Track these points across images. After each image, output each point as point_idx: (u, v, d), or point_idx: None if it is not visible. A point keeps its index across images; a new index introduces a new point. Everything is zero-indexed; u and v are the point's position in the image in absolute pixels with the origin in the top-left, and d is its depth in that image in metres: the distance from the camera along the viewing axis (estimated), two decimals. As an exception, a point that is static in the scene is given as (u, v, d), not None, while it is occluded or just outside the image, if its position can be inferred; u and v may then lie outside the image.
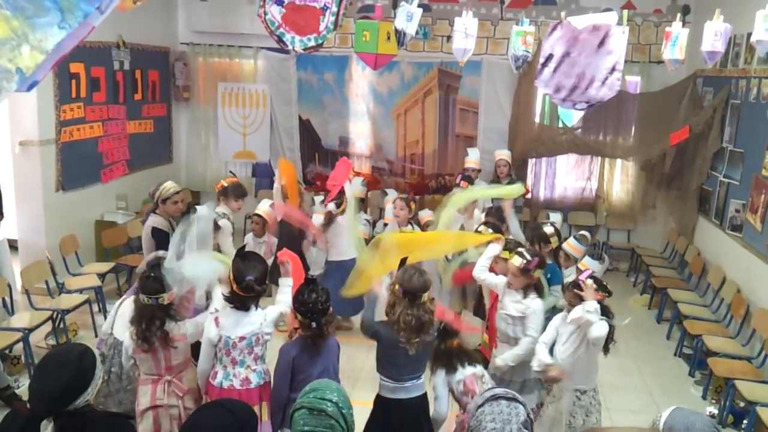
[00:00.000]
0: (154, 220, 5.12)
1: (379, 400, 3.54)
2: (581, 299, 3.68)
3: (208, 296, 3.83)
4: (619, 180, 8.54)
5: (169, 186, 5.21)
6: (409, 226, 5.67)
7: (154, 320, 3.39)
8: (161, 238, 5.04)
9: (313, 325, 3.27)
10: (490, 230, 4.53)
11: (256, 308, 3.46)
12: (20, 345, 5.01)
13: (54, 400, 2.13)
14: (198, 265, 3.48)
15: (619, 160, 8.41)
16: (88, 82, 7.02)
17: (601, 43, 4.14)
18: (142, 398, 3.51)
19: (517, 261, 3.94)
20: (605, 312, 3.70)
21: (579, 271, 4.23)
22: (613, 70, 4.16)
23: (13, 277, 5.83)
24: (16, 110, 6.34)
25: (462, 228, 5.16)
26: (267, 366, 3.54)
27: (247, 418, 2.22)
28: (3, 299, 5.33)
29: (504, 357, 3.95)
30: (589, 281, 3.73)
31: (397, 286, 3.38)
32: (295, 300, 3.33)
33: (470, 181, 6.16)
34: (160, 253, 4.22)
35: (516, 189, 5.01)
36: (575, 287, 3.77)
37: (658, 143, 7.67)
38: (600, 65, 4.14)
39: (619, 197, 8.56)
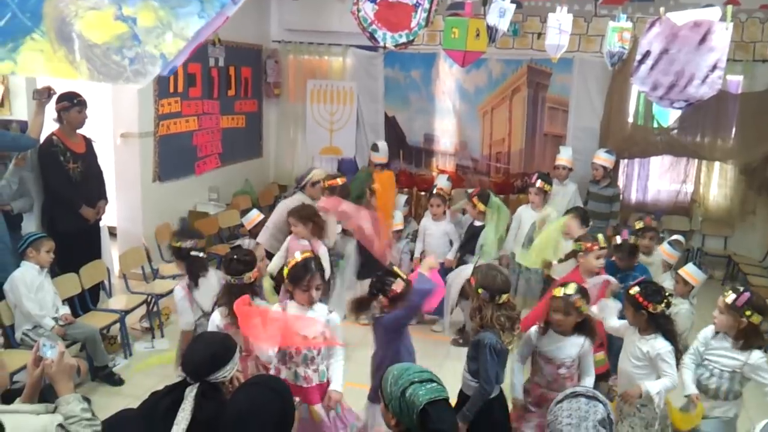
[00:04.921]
0: (298, 198, 5.49)
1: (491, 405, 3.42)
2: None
3: None
4: (717, 184, 8.15)
5: (319, 173, 5.81)
6: (445, 219, 6.10)
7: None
8: None
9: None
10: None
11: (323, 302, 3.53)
12: (117, 326, 5.31)
13: (202, 366, 2.50)
14: None
15: (717, 163, 8.03)
16: (185, 78, 7.30)
17: (703, 40, 3.96)
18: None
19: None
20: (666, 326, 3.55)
21: (679, 278, 4.12)
22: (714, 68, 3.97)
23: (112, 262, 6.16)
24: (119, 104, 6.65)
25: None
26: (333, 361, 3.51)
27: (285, 391, 2.41)
28: (102, 282, 5.64)
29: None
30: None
31: (480, 290, 3.33)
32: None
33: (547, 180, 5.92)
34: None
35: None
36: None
37: (760, 146, 7.29)
38: (701, 63, 3.96)
39: (716, 202, 8.16)
